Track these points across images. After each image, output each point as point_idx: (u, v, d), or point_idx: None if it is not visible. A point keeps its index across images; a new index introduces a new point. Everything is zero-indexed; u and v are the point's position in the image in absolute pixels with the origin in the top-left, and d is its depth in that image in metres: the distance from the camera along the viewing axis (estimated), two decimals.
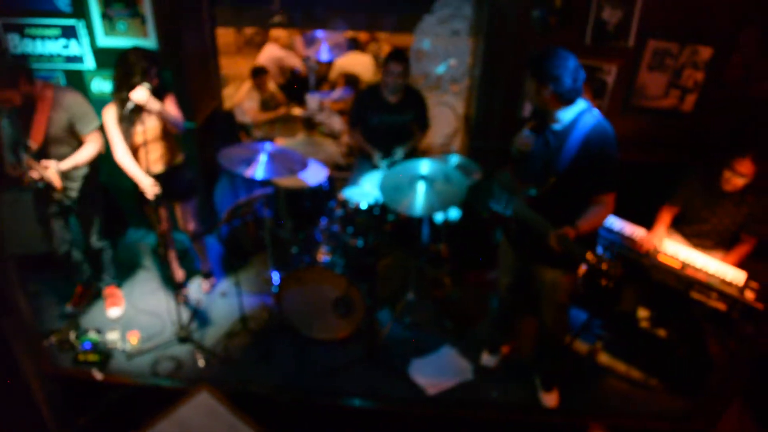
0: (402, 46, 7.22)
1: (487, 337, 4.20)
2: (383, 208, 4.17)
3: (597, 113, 2.93)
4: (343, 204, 4.17)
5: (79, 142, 3.85)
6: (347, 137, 6.48)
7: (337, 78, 7.48)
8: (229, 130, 5.89)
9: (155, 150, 3.92)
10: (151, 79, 3.64)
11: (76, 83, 4.63)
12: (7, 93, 3.48)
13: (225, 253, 5.16)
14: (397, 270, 4.98)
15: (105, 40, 4.49)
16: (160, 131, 3.87)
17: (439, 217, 4.75)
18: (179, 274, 4.64)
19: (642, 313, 4.35)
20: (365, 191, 4.33)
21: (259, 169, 3.72)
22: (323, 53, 6.70)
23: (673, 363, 4.11)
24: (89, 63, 4.59)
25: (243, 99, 6.68)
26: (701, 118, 4.47)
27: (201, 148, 4.65)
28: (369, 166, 4.71)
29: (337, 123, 6.83)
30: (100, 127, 3.86)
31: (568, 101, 2.89)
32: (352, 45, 7.48)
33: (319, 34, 6.77)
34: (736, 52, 4.21)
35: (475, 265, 4.98)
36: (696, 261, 3.73)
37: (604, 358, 4.19)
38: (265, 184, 4.29)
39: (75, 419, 3.35)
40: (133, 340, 4.12)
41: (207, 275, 4.75)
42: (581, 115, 2.92)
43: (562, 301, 3.39)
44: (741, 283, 3.57)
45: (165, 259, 4.43)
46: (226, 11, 7.90)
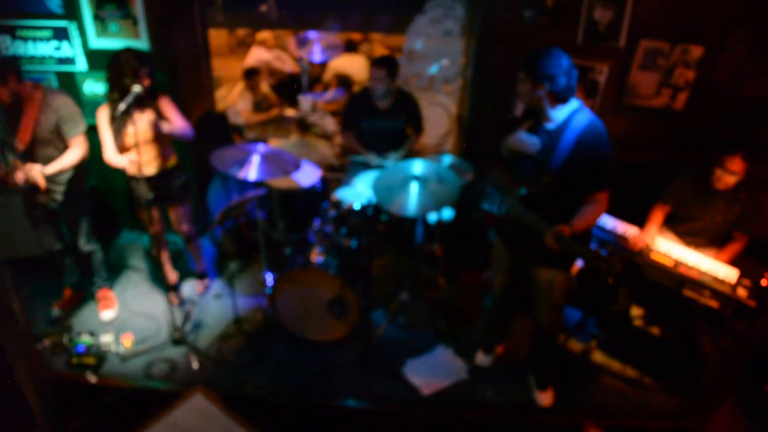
0: (395, 47, 7.25)
1: (481, 336, 4.20)
2: (376, 209, 4.17)
3: (589, 112, 2.94)
4: (337, 205, 4.17)
5: (65, 145, 3.83)
6: (340, 138, 6.47)
7: (330, 79, 7.48)
8: (221, 131, 5.88)
9: (147, 152, 3.90)
10: (142, 79, 3.64)
11: (68, 85, 4.62)
12: None
13: (218, 255, 5.16)
14: (391, 270, 4.98)
15: (97, 42, 4.47)
16: (153, 133, 3.87)
17: (432, 217, 4.75)
18: (172, 276, 4.63)
19: (635, 311, 4.37)
20: (358, 192, 4.33)
21: (252, 171, 3.71)
22: (316, 54, 6.69)
23: (667, 361, 4.13)
24: (81, 65, 4.57)
25: (236, 100, 6.67)
26: (693, 117, 4.48)
27: (193, 149, 4.64)
28: (362, 167, 4.70)
29: (330, 124, 6.83)
30: (86, 131, 3.84)
31: (563, 100, 2.91)
32: (348, 46, 7.46)
33: (311, 35, 6.77)
34: (726, 51, 4.23)
35: (469, 264, 4.98)
36: (688, 259, 3.74)
37: (599, 357, 4.20)
38: (258, 185, 4.28)
39: (69, 422, 3.34)
40: (126, 343, 4.10)
41: (201, 276, 4.74)
42: (574, 114, 2.93)
43: (557, 300, 3.39)
44: (733, 280, 3.58)
45: (158, 260, 4.41)
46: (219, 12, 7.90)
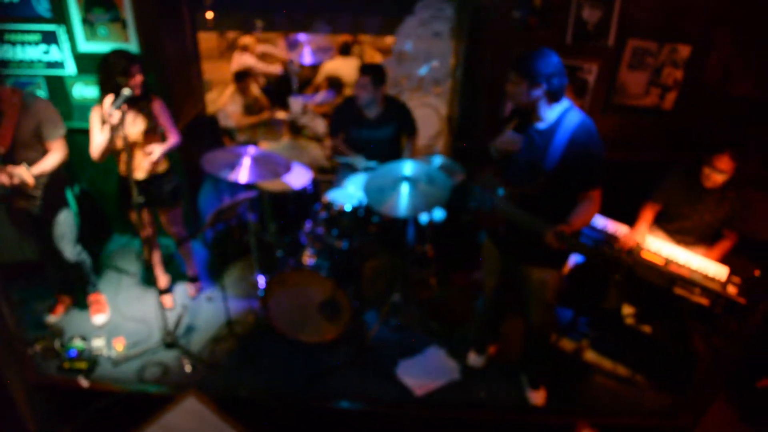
0: (385, 48, 7.26)
1: (473, 337, 4.21)
2: (367, 210, 4.17)
3: (580, 111, 2.95)
4: (328, 206, 4.17)
5: (45, 149, 3.77)
6: (329, 141, 6.46)
7: (321, 81, 7.47)
8: (212, 134, 5.87)
9: (139, 156, 3.90)
10: (134, 76, 3.64)
11: (58, 89, 4.60)
12: None
13: (210, 258, 5.15)
14: (383, 272, 4.99)
15: (86, 46, 4.46)
16: (143, 137, 3.86)
17: (423, 218, 4.76)
18: (163, 280, 4.62)
19: (627, 310, 4.39)
20: (349, 193, 4.33)
21: (242, 173, 3.71)
22: (306, 56, 6.69)
23: (659, 359, 4.15)
24: (70, 68, 4.55)
25: (226, 103, 6.66)
26: (682, 116, 4.52)
27: (184, 152, 4.63)
28: (350, 169, 4.69)
29: (320, 126, 6.84)
30: (65, 135, 3.80)
31: (558, 99, 2.92)
32: (344, 49, 7.44)
33: (301, 37, 6.77)
34: (713, 51, 4.26)
35: (460, 265, 4.99)
36: (679, 257, 3.76)
37: (591, 356, 4.22)
38: (249, 187, 4.28)
39: (61, 428, 3.33)
40: (118, 347, 4.08)
41: (193, 280, 4.73)
42: (565, 113, 2.94)
43: (550, 299, 3.41)
44: (723, 278, 3.59)
45: (149, 264, 4.40)
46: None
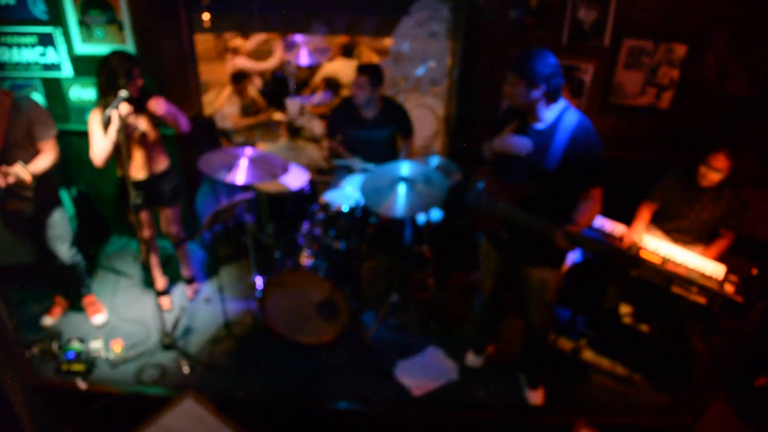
0: (382, 49, 7.25)
1: (471, 337, 4.21)
2: (365, 211, 4.18)
3: (577, 111, 2.96)
4: (325, 207, 4.17)
5: (37, 150, 3.74)
6: (327, 142, 6.45)
7: (319, 82, 7.46)
8: (209, 136, 5.86)
9: (139, 156, 3.91)
10: (135, 79, 3.65)
11: (54, 91, 4.61)
12: None
13: (208, 259, 5.14)
14: (381, 272, 4.99)
15: (82, 48, 4.46)
16: (143, 137, 3.86)
17: (421, 218, 4.76)
18: (161, 282, 4.62)
19: (624, 309, 4.39)
20: (347, 194, 4.33)
21: (240, 174, 3.71)
22: (303, 57, 6.69)
23: (657, 358, 4.15)
24: (67, 71, 4.55)
25: (223, 104, 6.65)
26: (678, 115, 4.52)
27: (181, 154, 4.63)
28: (347, 171, 4.69)
29: (317, 127, 6.83)
30: (57, 136, 3.79)
31: (556, 99, 2.92)
32: (346, 50, 7.43)
33: (298, 38, 6.77)
34: (709, 50, 4.26)
35: (458, 265, 4.99)
36: (676, 256, 3.76)
37: (589, 355, 4.22)
38: (246, 189, 4.28)
39: (59, 430, 3.32)
40: (116, 349, 4.08)
41: (190, 281, 4.73)
42: (563, 113, 2.94)
43: (550, 299, 3.41)
44: (721, 276, 3.60)
45: (147, 266, 4.40)
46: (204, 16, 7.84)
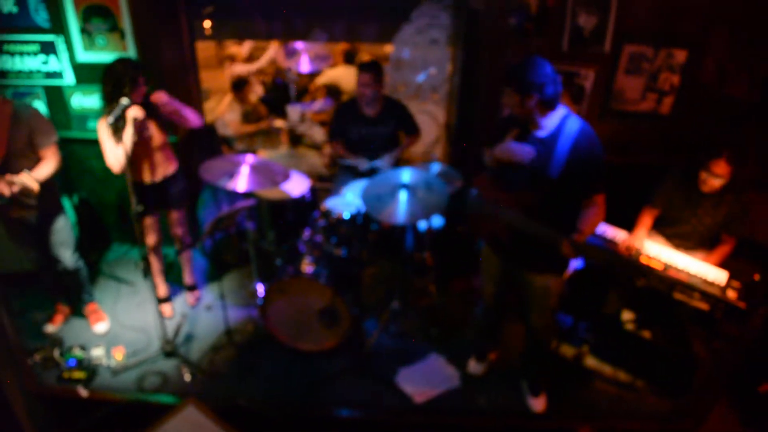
0: (383, 56, 7.26)
1: (473, 344, 4.20)
2: (366, 218, 4.18)
3: (578, 117, 2.95)
4: (326, 214, 4.17)
5: (38, 157, 3.75)
6: (328, 148, 6.46)
7: (319, 89, 7.48)
8: (210, 143, 5.87)
9: (151, 160, 3.93)
10: (141, 87, 3.66)
11: (57, 99, 4.62)
12: None
13: (209, 266, 5.14)
14: (382, 279, 4.99)
15: (84, 55, 4.48)
16: (151, 142, 3.88)
17: (422, 225, 4.76)
18: (162, 289, 4.61)
19: (626, 315, 4.38)
20: (348, 201, 4.33)
21: (241, 182, 3.71)
22: (303, 65, 6.71)
23: (659, 364, 4.13)
24: (69, 78, 4.57)
25: (224, 112, 6.66)
26: (679, 121, 4.52)
27: (183, 161, 4.64)
28: (351, 176, 4.70)
29: (318, 134, 6.85)
30: (58, 142, 3.80)
31: (552, 107, 2.92)
32: (348, 57, 7.45)
33: (299, 45, 6.79)
34: (708, 54, 4.27)
35: (459, 272, 4.99)
36: (678, 262, 3.75)
37: (591, 362, 4.21)
38: (247, 196, 4.29)
39: None
40: (118, 356, 4.08)
41: (191, 288, 4.73)
42: (565, 120, 2.93)
43: (552, 306, 3.40)
44: (723, 282, 3.59)
45: (148, 273, 4.40)
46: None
